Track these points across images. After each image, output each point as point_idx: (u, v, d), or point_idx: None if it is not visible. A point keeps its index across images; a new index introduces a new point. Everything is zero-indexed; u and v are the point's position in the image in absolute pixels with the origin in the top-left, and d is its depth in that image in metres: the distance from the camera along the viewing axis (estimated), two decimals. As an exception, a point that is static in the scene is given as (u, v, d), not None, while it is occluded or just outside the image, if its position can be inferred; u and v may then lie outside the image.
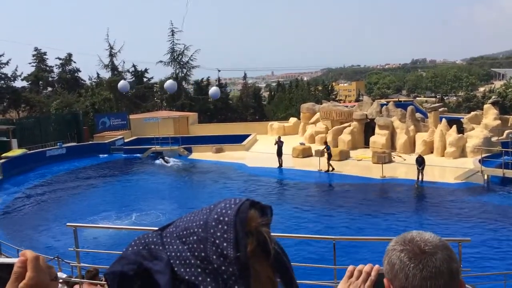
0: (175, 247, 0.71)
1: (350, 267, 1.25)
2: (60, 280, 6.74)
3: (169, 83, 30.23)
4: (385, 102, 32.70)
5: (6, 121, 33.94)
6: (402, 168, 23.31)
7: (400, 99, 43.57)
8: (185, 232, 0.72)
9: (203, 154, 30.26)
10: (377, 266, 1.24)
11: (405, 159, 24.74)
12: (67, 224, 6.28)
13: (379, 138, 27.19)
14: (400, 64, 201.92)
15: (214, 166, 27.41)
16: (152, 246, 0.72)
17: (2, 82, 44.69)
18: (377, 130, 27.68)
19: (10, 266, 1.01)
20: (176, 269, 0.69)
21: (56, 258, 9.65)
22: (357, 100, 52.06)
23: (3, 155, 26.03)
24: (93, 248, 11.02)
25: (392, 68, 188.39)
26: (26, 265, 1.01)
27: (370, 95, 74.50)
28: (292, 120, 36.95)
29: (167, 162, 29.54)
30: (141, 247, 0.72)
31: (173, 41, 47.89)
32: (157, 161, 29.73)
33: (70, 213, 18.09)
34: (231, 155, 29.14)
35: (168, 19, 51.18)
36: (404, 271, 1.07)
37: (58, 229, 15.80)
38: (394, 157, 25.18)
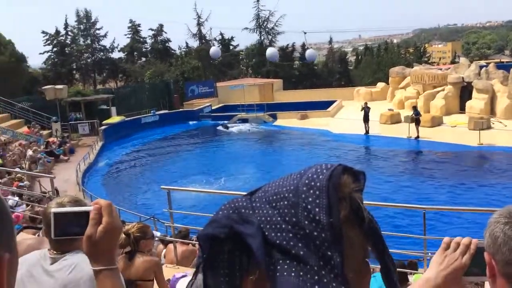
0: (265, 211, 0.71)
1: (446, 239, 1.18)
2: (156, 238, 7.26)
3: (270, 50, 31.42)
4: (484, 64, 30.15)
5: (106, 91, 36.60)
6: (503, 135, 21.51)
7: (502, 60, 39.98)
8: (275, 197, 0.71)
9: (288, 121, 30.36)
10: (476, 239, 1.16)
11: (506, 125, 22.80)
12: (162, 186, 6.67)
13: (477, 102, 25.25)
14: (503, 22, 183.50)
15: (299, 132, 27.45)
16: (242, 210, 0.72)
17: (102, 53, 47.93)
18: (474, 94, 25.69)
19: (87, 213, 1.10)
20: (267, 233, 0.69)
21: (152, 218, 10.39)
22: (452, 62, 48.62)
23: (104, 122, 28.22)
24: (182, 210, 11.61)
25: (493, 26, 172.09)
26: (101, 212, 1.10)
27: (468, 56, 69.02)
28: (380, 85, 35.55)
29: (227, 128, 30.23)
30: (231, 211, 0.72)
31: (258, 8, 47.82)
32: (219, 128, 30.47)
33: (163, 177, 19.24)
34: (316, 122, 28.92)
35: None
36: (508, 245, 1.01)
37: (152, 191, 16.93)
38: (493, 123, 23.32)
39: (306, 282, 0.65)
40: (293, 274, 0.66)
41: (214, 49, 34.07)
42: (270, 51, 32.74)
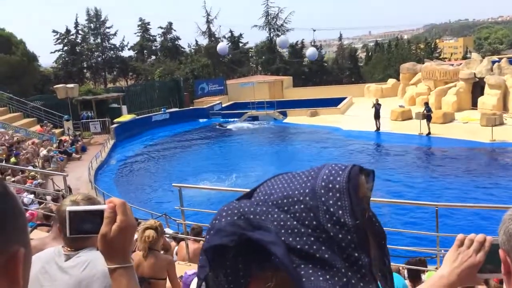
0: (275, 216, 0.69)
1: (460, 236, 1.16)
2: (167, 235, 7.29)
3: (281, 39, 31.86)
4: (497, 59, 29.75)
5: (117, 89, 36.79)
6: (516, 131, 21.25)
7: (515, 55, 39.36)
8: (285, 201, 0.70)
9: (298, 118, 30.28)
10: (490, 236, 1.14)
11: (519, 121, 22.51)
12: (173, 184, 6.68)
13: (489, 98, 24.95)
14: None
15: (309, 129, 27.36)
16: (251, 216, 0.69)
17: (112, 52, 48.18)
18: (487, 90, 25.39)
19: (101, 212, 1.12)
20: (283, 238, 0.67)
21: (164, 215, 10.44)
22: (464, 58, 48.06)
23: (115, 120, 28.37)
24: (192, 207, 11.64)
25: (506, 20, 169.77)
26: (115, 210, 1.11)
27: (480, 51, 68.19)
28: (391, 81, 35.30)
29: (223, 126, 30.34)
30: (235, 218, 0.70)
31: (267, 4, 47.69)
32: (217, 127, 30.55)
33: (174, 174, 19.32)
34: (326, 119, 28.82)
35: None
36: None
37: (163, 188, 17.00)
38: (506, 119, 23.03)
39: (335, 285, 0.65)
40: (321, 278, 0.65)
41: (222, 46, 33.93)
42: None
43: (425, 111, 22.61)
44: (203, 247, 0.72)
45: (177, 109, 34.71)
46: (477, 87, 26.39)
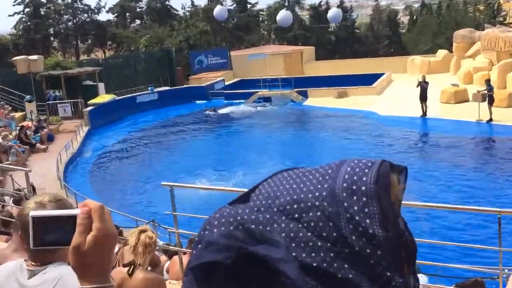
0: (283, 225, 0.68)
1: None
2: (156, 248, 7.34)
3: (282, 14, 29.65)
4: None
5: (92, 62, 36.92)
6: None
7: None
8: (295, 206, 0.68)
9: (321, 100, 30.25)
10: None
11: None
12: (162, 183, 6.69)
13: None
14: None
15: (335, 114, 27.33)
16: (252, 226, 0.68)
17: (86, 15, 48.37)
18: None
19: (74, 218, 1.11)
20: (294, 254, 0.66)
21: (151, 222, 10.49)
22: (536, 23, 47.53)
23: (90, 102, 28.49)
24: (187, 212, 11.69)
25: None
26: (91, 216, 1.10)
27: (557, 15, 67.21)
28: (441, 53, 35.15)
29: (215, 111, 30.51)
30: (231, 228, 0.69)
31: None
32: (207, 112, 30.62)
33: (164, 170, 19.42)
34: (358, 101, 28.80)
35: None
36: None
37: (151, 188, 17.09)
38: None
39: None
40: None
41: (219, 9, 33.01)
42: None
43: (485, 91, 22.43)
44: (189, 265, 0.71)
45: (167, 88, 34.84)
46: (553, 61, 26.14)
